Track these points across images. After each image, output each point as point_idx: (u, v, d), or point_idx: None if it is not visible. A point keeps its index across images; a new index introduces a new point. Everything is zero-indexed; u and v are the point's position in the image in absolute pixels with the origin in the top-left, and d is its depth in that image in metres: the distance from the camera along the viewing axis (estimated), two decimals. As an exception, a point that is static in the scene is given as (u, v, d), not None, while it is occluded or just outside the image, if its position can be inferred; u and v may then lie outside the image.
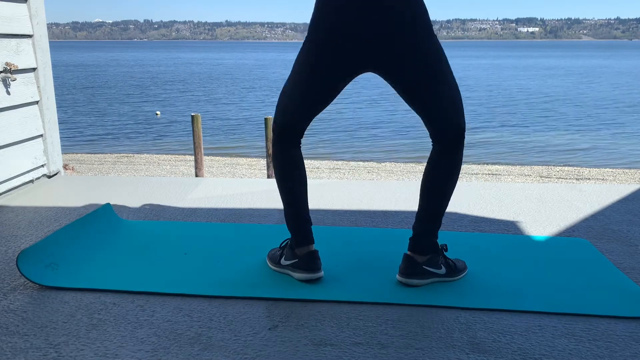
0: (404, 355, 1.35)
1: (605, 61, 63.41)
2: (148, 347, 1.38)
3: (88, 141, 15.47)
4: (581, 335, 1.44)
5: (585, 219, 2.44)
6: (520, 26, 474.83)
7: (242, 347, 1.38)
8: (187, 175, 10.53)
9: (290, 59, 70.66)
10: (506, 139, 15.69)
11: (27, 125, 2.93)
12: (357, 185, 3.07)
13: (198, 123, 9.94)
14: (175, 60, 67.41)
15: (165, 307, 1.59)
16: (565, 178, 10.63)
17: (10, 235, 2.21)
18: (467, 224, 2.37)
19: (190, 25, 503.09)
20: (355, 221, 2.41)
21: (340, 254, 1.97)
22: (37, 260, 1.77)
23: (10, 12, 2.79)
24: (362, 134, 16.67)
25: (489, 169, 11.66)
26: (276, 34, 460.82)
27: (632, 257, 1.99)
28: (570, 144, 15.07)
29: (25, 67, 2.89)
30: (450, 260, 1.77)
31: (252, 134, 16.37)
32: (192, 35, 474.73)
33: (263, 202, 2.70)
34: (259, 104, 23.78)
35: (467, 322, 1.51)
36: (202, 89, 30.21)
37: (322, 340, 1.42)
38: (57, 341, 1.40)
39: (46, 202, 2.68)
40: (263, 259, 1.92)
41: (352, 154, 13.74)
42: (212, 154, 13.20)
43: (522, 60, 66.99)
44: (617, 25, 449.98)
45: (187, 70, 46.29)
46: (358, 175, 10.74)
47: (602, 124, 18.23)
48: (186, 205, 2.63)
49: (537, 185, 3.01)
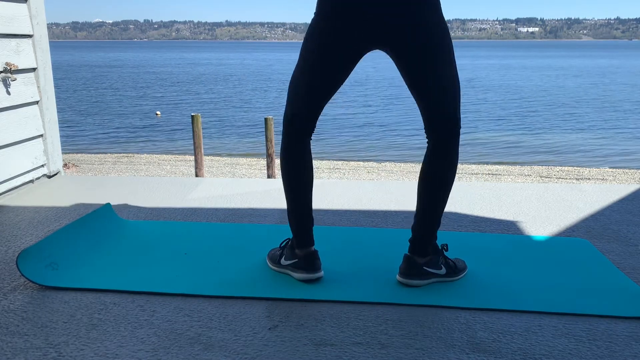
0: (404, 355, 1.35)
1: (612, 61, 63.05)
2: (148, 347, 1.38)
3: (88, 141, 15.47)
4: (581, 335, 1.44)
5: (585, 219, 2.44)
6: (520, 26, 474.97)
7: (242, 347, 1.38)
8: (187, 175, 10.53)
9: (294, 59, 70.38)
10: (506, 139, 15.69)
11: (27, 125, 2.93)
12: (357, 185, 3.07)
13: (198, 123, 9.94)
14: (180, 60, 67.20)
15: (165, 307, 1.59)
16: (565, 178, 10.63)
17: (10, 235, 2.21)
18: (467, 224, 2.37)
19: (190, 25, 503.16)
20: (355, 221, 2.41)
21: (340, 254, 1.97)
22: (37, 260, 1.77)
23: (10, 12, 2.79)
24: (362, 134, 16.68)
25: (489, 169, 11.65)
26: (276, 34, 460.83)
27: (632, 257, 1.99)
28: (571, 143, 15.07)
29: (25, 67, 2.89)
30: (450, 260, 1.77)
31: (253, 134, 16.37)
32: (192, 35, 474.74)
33: (263, 202, 2.70)
34: (260, 104, 23.78)
35: (467, 322, 1.51)
36: (206, 89, 30.18)
37: (322, 340, 1.42)
38: (57, 341, 1.41)
39: (46, 202, 2.68)
40: (263, 259, 1.92)
41: (352, 154, 13.74)
42: (212, 154, 13.20)
43: (533, 60, 66.26)
44: (617, 25, 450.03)
45: (194, 70, 46.17)
46: (358, 175, 10.73)
47: (607, 124, 18.19)
48: (186, 205, 2.63)
49: (537, 185, 3.01)
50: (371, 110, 21.72)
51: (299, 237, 1.75)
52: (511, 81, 34.76)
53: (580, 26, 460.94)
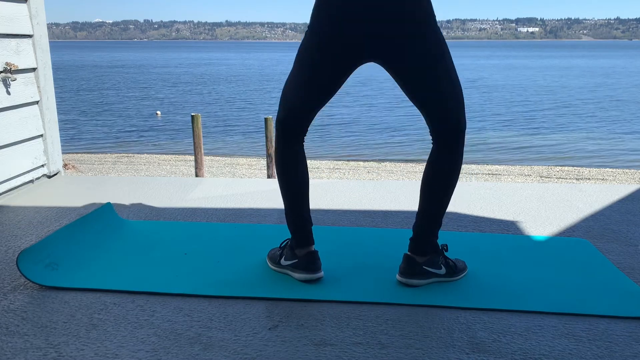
0: (404, 355, 1.35)
1: (616, 61, 62.81)
2: (148, 347, 1.38)
3: (88, 141, 15.47)
4: (581, 335, 1.44)
5: (585, 219, 2.44)
6: (520, 26, 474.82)
7: (242, 347, 1.38)
8: (187, 175, 10.53)
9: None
10: (506, 139, 15.69)
11: (27, 125, 2.93)
12: (357, 185, 3.07)
13: (198, 123, 9.94)
14: (181, 60, 67.02)
15: (165, 307, 1.59)
16: (565, 178, 10.63)
17: (10, 235, 2.21)
18: (467, 224, 2.37)
19: (190, 25, 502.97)
20: (355, 221, 2.41)
21: (340, 254, 1.97)
22: (37, 260, 1.77)
23: (10, 12, 2.79)
24: (362, 134, 16.67)
25: (489, 169, 11.65)
26: (276, 34, 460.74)
27: (632, 257, 1.99)
28: (571, 143, 15.07)
29: (25, 67, 2.89)
30: (450, 260, 1.77)
31: (253, 134, 16.37)
32: (192, 35, 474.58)
33: (263, 202, 2.70)
34: (260, 104, 23.77)
35: (467, 322, 1.51)
36: (208, 89, 30.13)
37: (322, 340, 1.42)
38: (57, 341, 1.41)
39: (46, 202, 2.68)
40: (263, 259, 1.92)
41: (352, 154, 13.74)
42: (212, 154, 13.20)
43: (535, 60, 65.94)
44: (617, 25, 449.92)
45: (195, 70, 46.05)
46: (358, 175, 10.74)
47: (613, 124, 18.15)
48: (186, 205, 2.63)
49: (537, 185, 3.01)
50: (372, 110, 21.72)
51: (297, 237, 1.75)
52: (514, 81, 34.71)
53: (580, 26, 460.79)
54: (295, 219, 1.75)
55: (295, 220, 1.75)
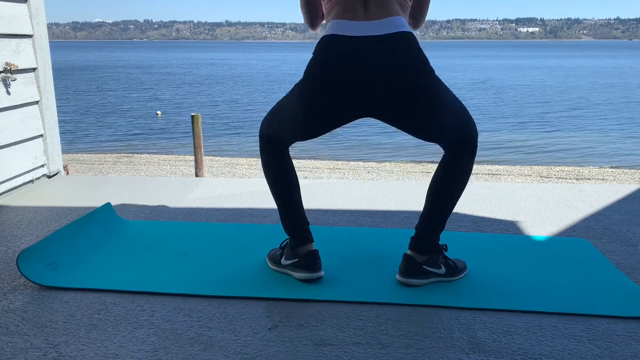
0: (404, 355, 1.35)
1: (622, 61, 62.57)
2: (148, 347, 1.38)
3: (88, 141, 15.47)
4: (581, 335, 1.44)
5: (585, 219, 2.44)
6: (520, 26, 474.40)
7: (242, 347, 1.38)
8: (187, 175, 10.53)
9: (297, 58, 70.12)
10: (506, 139, 15.69)
11: (27, 125, 2.93)
12: (357, 185, 3.07)
13: (198, 123, 9.93)
14: (183, 60, 66.87)
15: (165, 307, 1.59)
16: (565, 178, 10.63)
17: (10, 235, 2.21)
18: (467, 224, 2.37)
19: (190, 25, 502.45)
20: (355, 221, 2.41)
21: (340, 254, 1.97)
22: (37, 260, 1.77)
23: (10, 12, 2.80)
24: (362, 134, 16.67)
25: (489, 169, 11.65)
26: (276, 34, 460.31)
27: (632, 257, 1.99)
28: (571, 143, 15.07)
29: (25, 67, 2.89)
30: (450, 260, 1.77)
31: (253, 134, 16.37)
32: (192, 35, 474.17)
33: (263, 202, 2.70)
34: (260, 104, 23.78)
35: (467, 322, 1.51)
36: (209, 89, 30.10)
37: (322, 340, 1.42)
38: (57, 341, 1.41)
39: (46, 202, 2.68)
40: (263, 259, 1.92)
41: (352, 154, 13.74)
42: (212, 154, 13.20)
43: (538, 60, 65.33)
44: (617, 25, 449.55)
45: (197, 71, 45.92)
46: (358, 175, 10.73)
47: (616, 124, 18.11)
48: (186, 205, 2.63)
49: (537, 185, 3.01)
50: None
51: (296, 236, 1.76)
52: (517, 82, 34.63)
53: (580, 26, 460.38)
54: (293, 221, 1.77)
55: (293, 222, 1.77)
